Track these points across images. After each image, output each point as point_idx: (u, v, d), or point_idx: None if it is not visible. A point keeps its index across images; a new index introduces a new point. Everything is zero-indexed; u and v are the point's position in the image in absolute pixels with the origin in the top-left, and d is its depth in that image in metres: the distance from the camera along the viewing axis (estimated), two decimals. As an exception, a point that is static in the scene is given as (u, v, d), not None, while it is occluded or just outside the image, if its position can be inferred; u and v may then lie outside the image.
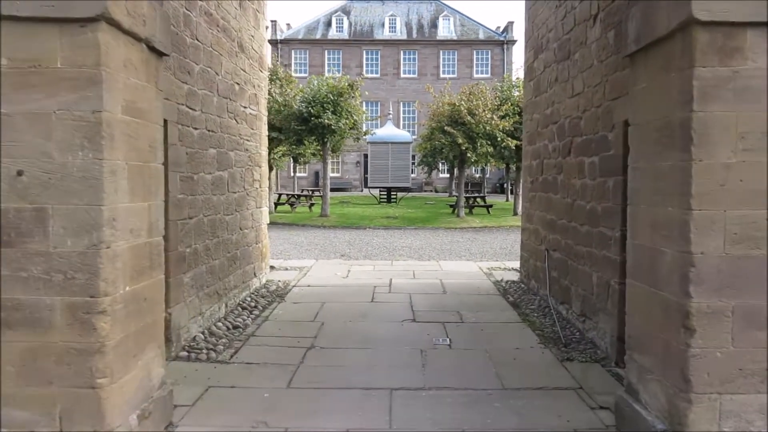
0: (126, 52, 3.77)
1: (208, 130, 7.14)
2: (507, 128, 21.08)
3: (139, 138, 3.97)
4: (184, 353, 5.97)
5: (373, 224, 21.46)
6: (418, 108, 24.13)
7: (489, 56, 49.42)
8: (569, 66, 7.64)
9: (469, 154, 21.26)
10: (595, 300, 6.46)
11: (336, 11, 52.25)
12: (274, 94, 21.39)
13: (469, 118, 20.44)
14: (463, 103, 20.92)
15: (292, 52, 49.27)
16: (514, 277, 10.83)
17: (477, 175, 47.09)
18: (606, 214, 6.13)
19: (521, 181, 26.86)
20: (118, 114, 3.66)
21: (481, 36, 50.91)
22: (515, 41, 49.80)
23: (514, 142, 21.19)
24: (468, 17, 52.72)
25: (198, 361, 5.81)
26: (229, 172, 8.07)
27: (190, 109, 6.48)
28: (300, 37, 50.15)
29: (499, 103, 22.04)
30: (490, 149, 21.34)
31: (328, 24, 51.25)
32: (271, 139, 22.14)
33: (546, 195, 8.83)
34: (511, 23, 50.15)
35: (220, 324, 7.11)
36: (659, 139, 3.87)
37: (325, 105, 20.74)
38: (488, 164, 29.62)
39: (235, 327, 7.06)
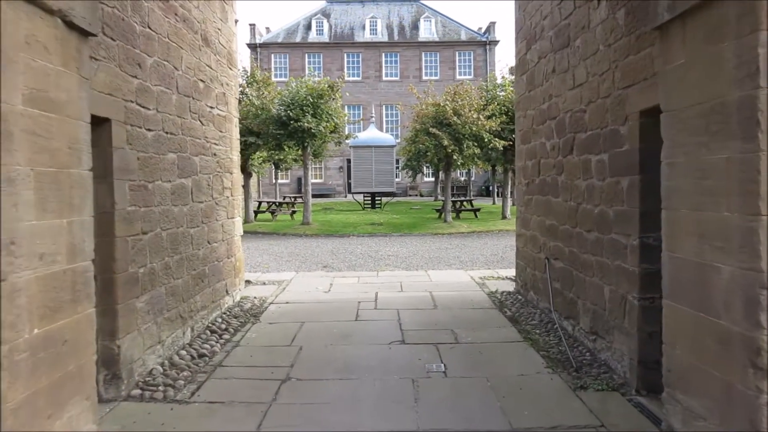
0: (30, 27, 2.94)
1: (166, 132, 6.29)
2: (494, 128, 20.36)
3: (53, 137, 3.13)
4: (137, 391, 5.11)
5: (357, 232, 20.63)
6: (401, 110, 23.35)
7: (472, 57, 48.85)
8: (569, 54, 6.89)
9: (455, 157, 20.47)
10: (608, 316, 5.69)
11: (316, 14, 51.46)
12: (251, 98, 20.54)
13: (454, 118, 19.67)
14: (448, 103, 20.16)
15: (272, 56, 48.36)
16: (510, 287, 10.07)
17: (462, 179, 46.46)
18: (620, 218, 5.37)
19: (511, 183, 26.57)
20: (17, 105, 2.82)
21: (463, 37, 50.35)
22: (498, 42, 49.31)
23: (502, 142, 20.48)
24: (450, 18, 52.16)
25: (153, 401, 4.96)
26: (193, 180, 7.22)
27: (142, 107, 5.64)
28: (279, 40, 49.27)
29: (485, 102, 21.31)
30: (477, 151, 20.58)
31: (308, 27, 50.44)
32: (248, 145, 21.36)
33: (544, 198, 8.08)
34: (493, 23, 49.64)
35: (183, 352, 6.25)
36: (706, 127, 3.10)
37: (304, 108, 19.89)
38: (474, 166, 28.92)
39: (201, 356, 6.20)
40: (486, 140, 20.26)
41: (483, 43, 49.67)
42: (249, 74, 23.89)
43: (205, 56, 7.77)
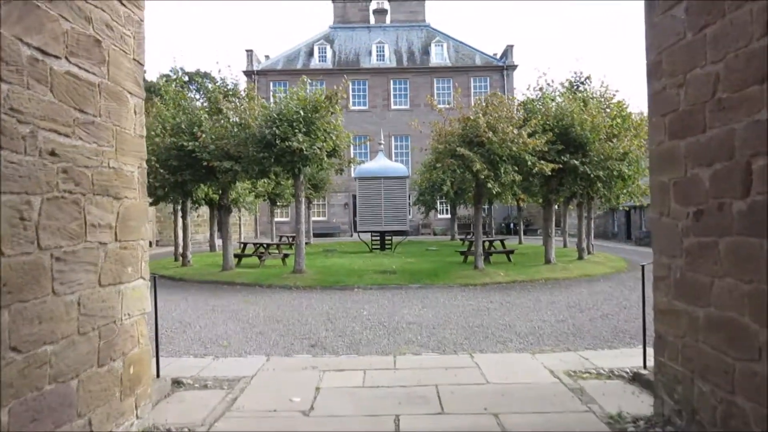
0: None
1: None
2: (538, 149, 15.82)
3: None
4: None
5: (363, 282, 15.94)
6: (417, 127, 18.77)
7: (488, 83, 44.72)
8: None
9: (489, 185, 15.79)
10: None
11: (318, 39, 47.75)
12: (226, 111, 16.19)
13: (489, 134, 15.10)
14: (480, 116, 15.62)
15: (270, 83, 44.37)
16: (640, 402, 5.45)
17: (466, 213, 41.95)
18: None
19: (555, 216, 21.67)
20: None
21: (478, 62, 46.37)
22: (516, 66, 45.30)
23: (550, 165, 15.93)
24: (463, 43, 48.30)
25: None
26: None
27: None
28: (279, 67, 45.44)
29: (524, 117, 16.82)
30: (518, 177, 15.98)
31: (310, 53, 46.66)
32: (224, 171, 16.94)
33: (759, 242, 3.55)
34: (510, 47, 45.69)
35: None
36: None
37: (294, 124, 15.46)
38: (513, 198, 24.28)
39: None
40: (529, 163, 15.69)
41: (500, 68, 45.65)
42: (232, 90, 19.68)
43: None
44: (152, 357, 5.80)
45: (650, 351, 7.04)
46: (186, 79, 48.90)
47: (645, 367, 6.69)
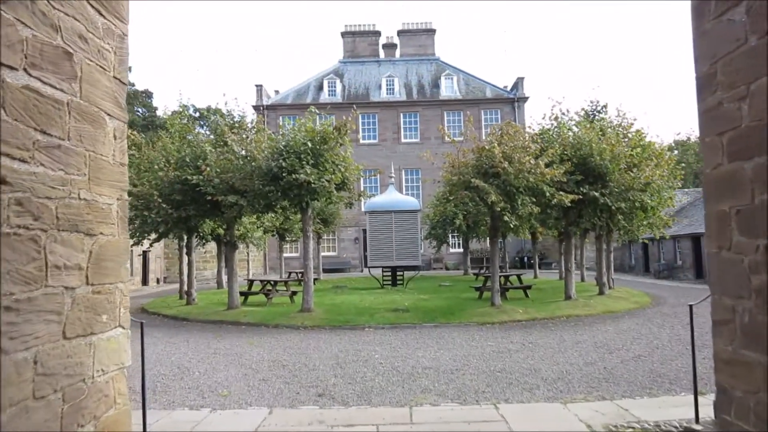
0: None
1: None
2: (556, 179, 15.11)
3: None
4: None
5: (374, 321, 15.13)
6: (429, 158, 18.17)
7: (499, 116, 44.24)
8: None
9: (506, 217, 15.03)
10: None
11: (328, 74, 47.69)
12: (231, 143, 15.67)
13: (505, 165, 14.43)
14: (495, 146, 14.94)
15: (280, 118, 44.12)
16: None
17: (478, 247, 41.16)
18: None
19: (574, 249, 20.61)
20: None
21: (489, 94, 46.03)
22: (527, 98, 44.90)
23: (570, 196, 15.20)
24: (473, 76, 48.06)
25: None
26: None
27: None
28: (289, 102, 45.31)
29: (541, 146, 16.15)
30: (535, 209, 15.23)
31: (320, 88, 46.55)
32: (228, 206, 16.33)
33: None
34: (520, 79, 45.38)
35: None
36: None
37: (302, 156, 14.87)
38: (527, 231, 23.43)
39: None
40: (548, 195, 14.97)
41: (510, 100, 45.26)
42: (239, 123, 19.21)
43: None
44: (135, 414, 5.07)
45: (702, 400, 6.25)
46: (197, 115, 48.99)
47: (697, 421, 5.88)
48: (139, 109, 60.01)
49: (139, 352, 11.29)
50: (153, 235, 19.30)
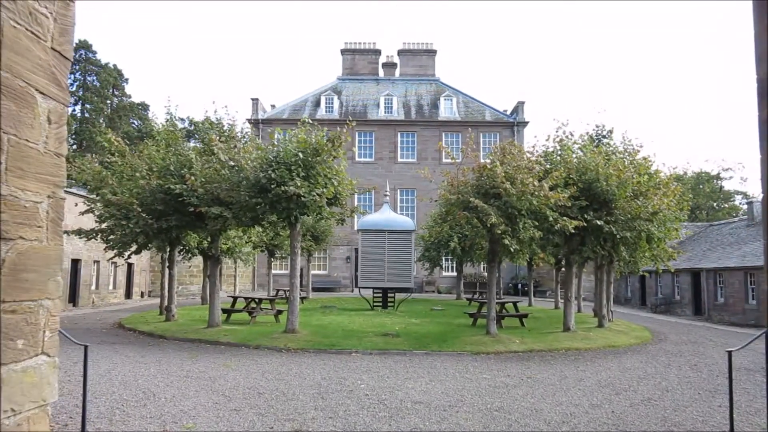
0: None
1: None
2: (561, 203, 14.31)
3: None
4: None
5: (362, 346, 14.18)
6: (426, 176, 17.41)
7: (498, 140, 43.54)
8: None
9: (506, 241, 14.19)
10: None
11: (326, 90, 47.05)
12: (217, 151, 14.83)
13: (507, 185, 13.64)
14: (497, 165, 14.16)
15: (276, 134, 43.42)
16: None
17: (473, 271, 40.20)
18: None
19: (575, 279, 19.59)
20: None
21: (488, 117, 45.45)
22: (527, 123, 44.34)
23: (573, 222, 14.40)
24: (472, 98, 47.52)
25: None
26: None
27: None
28: (285, 116, 44.54)
29: (544, 169, 15.38)
30: (537, 234, 14.41)
31: (317, 104, 45.89)
32: (213, 218, 15.44)
33: None
34: (521, 103, 44.83)
35: None
36: None
37: (292, 168, 14.04)
38: (526, 257, 22.54)
39: None
40: (551, 219, 14.16)
41: (510, 124, 44.68)
42: (222, 125, 18.49)
43: None
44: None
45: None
46: (191, 128, 48.18)
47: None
48: (135, 121, 59.21)
49: (105, 373, 10.23)
50: (133, 246, 18.34)
